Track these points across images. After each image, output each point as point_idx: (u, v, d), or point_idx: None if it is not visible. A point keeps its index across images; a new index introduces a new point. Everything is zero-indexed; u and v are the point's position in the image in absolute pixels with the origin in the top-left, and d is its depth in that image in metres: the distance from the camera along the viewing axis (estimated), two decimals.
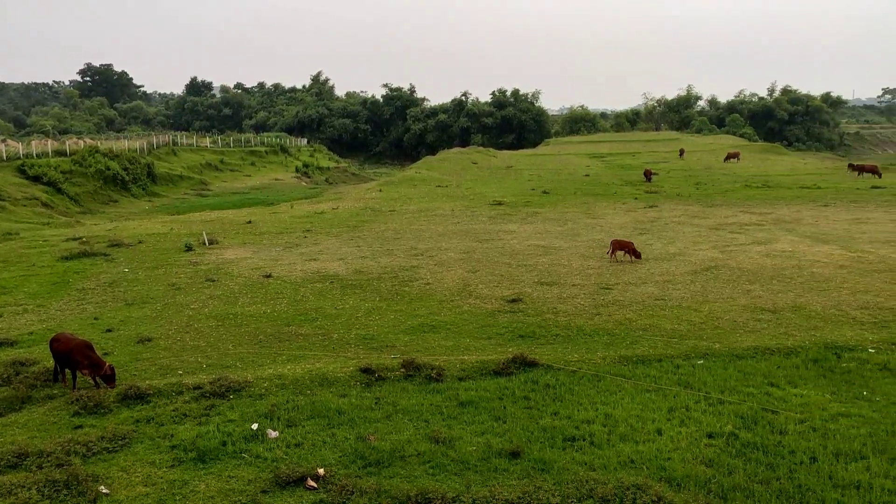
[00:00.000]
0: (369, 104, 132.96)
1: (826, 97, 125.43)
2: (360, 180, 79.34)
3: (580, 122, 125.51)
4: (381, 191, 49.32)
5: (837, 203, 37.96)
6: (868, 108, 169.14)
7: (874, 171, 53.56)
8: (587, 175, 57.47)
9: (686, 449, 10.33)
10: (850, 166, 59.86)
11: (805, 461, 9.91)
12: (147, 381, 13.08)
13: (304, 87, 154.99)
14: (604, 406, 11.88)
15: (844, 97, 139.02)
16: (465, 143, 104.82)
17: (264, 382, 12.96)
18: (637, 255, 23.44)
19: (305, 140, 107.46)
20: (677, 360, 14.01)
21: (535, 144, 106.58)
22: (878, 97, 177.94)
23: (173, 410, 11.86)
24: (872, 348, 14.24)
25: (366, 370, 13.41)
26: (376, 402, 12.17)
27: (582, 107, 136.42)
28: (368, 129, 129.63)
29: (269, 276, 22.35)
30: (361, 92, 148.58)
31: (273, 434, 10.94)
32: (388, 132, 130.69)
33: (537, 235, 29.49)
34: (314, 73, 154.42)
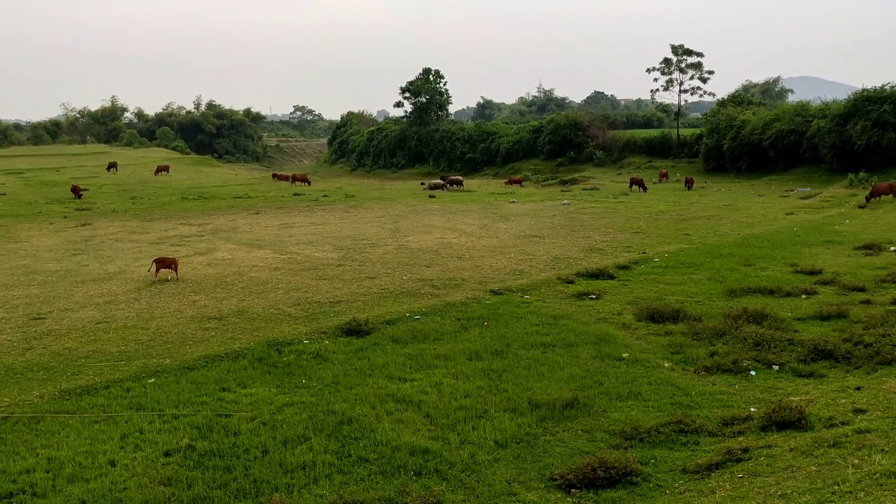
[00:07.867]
0: None
1: (248, 112, 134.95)
2: None
3: None
4: None
5: (267, 210, 41.21)
6: (284, 123, 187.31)
7: (304, 179, 59.89)
8: (3, 194, 50.88)
9: (143, 474, 9.92)
10: (274, 176, 65.98)
11: (258, 455, 10.46)
12: None
13: None
14: (45, 449, 10.63)
15: (263, 113, 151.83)
16: None
17: None
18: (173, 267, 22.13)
19: None
20: (127, 382, 13.38)
21: None
22: (291, 114, 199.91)
23: None
24: (307, 339, 15.82)
25: None
26: None
27: None
28: None
29: None
30: None
31: None
32: None
33: None
34: None
